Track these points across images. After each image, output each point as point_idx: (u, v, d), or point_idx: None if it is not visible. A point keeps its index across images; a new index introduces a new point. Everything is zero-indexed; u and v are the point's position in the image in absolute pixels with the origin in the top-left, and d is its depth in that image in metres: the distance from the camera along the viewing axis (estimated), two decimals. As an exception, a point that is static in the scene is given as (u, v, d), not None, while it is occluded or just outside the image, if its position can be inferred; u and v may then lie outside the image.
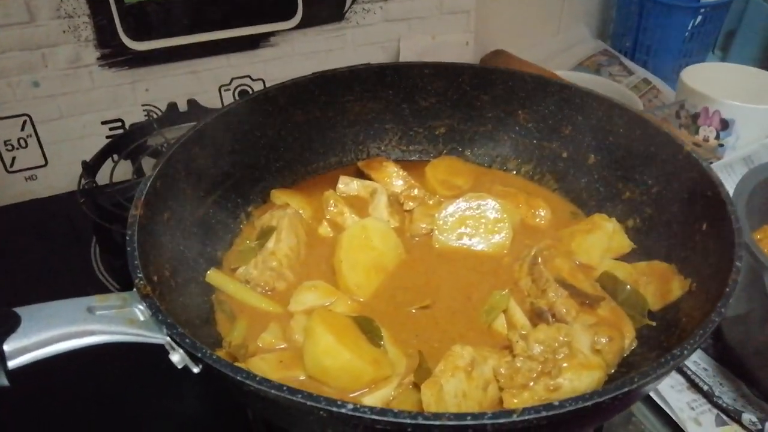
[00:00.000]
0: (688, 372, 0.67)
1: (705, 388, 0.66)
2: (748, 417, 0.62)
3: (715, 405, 0.65)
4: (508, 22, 1.30)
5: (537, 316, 0.57)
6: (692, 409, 0.65)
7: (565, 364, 0.49)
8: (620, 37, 1.37)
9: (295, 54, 1.08)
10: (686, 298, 0.56)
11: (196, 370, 0.43)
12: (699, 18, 1.25)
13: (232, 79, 1.05)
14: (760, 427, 0.61)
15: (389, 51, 1.16)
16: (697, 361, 0.69)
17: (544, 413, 0.36)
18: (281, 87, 0.76)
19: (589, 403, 0.36)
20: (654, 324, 0.57)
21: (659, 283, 0.59)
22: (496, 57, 1.26)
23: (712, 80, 1.04)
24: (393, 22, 1.14)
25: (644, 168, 0.68)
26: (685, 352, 0.41)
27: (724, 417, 0.64)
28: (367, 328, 0.55)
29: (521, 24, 1.33)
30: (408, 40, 1.16)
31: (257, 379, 0.36)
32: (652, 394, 0.66)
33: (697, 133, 1.01)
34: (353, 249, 0.63)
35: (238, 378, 0.37)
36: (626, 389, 0.37)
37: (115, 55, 0.96)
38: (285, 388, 0.36)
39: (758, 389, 0.65)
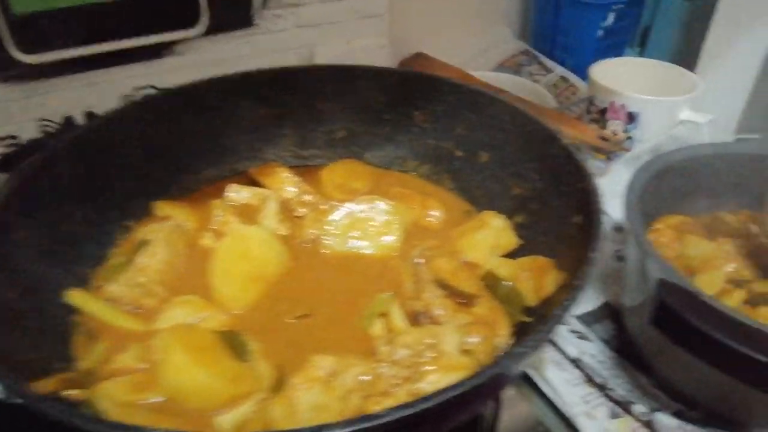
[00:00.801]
0: (583, 366, 0.67)
1: (599, 381, 0.65)
2: (638, 408, 0.62)
3: (609, 398, 0.64)
4: (427, 24, 1.30)
5: (414, 319, 0.56)
6: (586, 403, 0.64)
7: (429, 368, 0.47)
8: (540, 36, 1.39)
9: (202, 62, 1.04)
10: (560, 293, 0.55)
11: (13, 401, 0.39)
12: (611, 15, 1.28)
13: (135, 90, 1.01)
14: (649, 417, 0.61)
15: (303, 57, 1.13)
16: (595, 354, 0.69)
17: (363, 425, 0.34)
18: (166, 93, 0.73)
19: (409, 412, 0.34)
20: (531, 320, 0.56)
21: (537, 279, 0.58)
22: (416, 60, 1.25)
23: (621, 75, 1.06)
24: (305, 28, 1.11)
25: (530, 163, 0.67)
26: (526, 349, 0.40)
27: (618, 409, 0.63)
28: (233, 342, 0.52)
29: (441, 26, 1.32)
30: (323, 46, 1.14)
31: (48, 404, 0.33)
32: (546, 390, 0.65)
33: (605, 126, 1.02)
34: (228, 260, 0.60)
35: (33, 406, 0.34)
36: (449, 395, 0.35)
37: (5, 70, 0.91)
38: (69, 412, 0.33)
39: (654, 378, 0.65)
